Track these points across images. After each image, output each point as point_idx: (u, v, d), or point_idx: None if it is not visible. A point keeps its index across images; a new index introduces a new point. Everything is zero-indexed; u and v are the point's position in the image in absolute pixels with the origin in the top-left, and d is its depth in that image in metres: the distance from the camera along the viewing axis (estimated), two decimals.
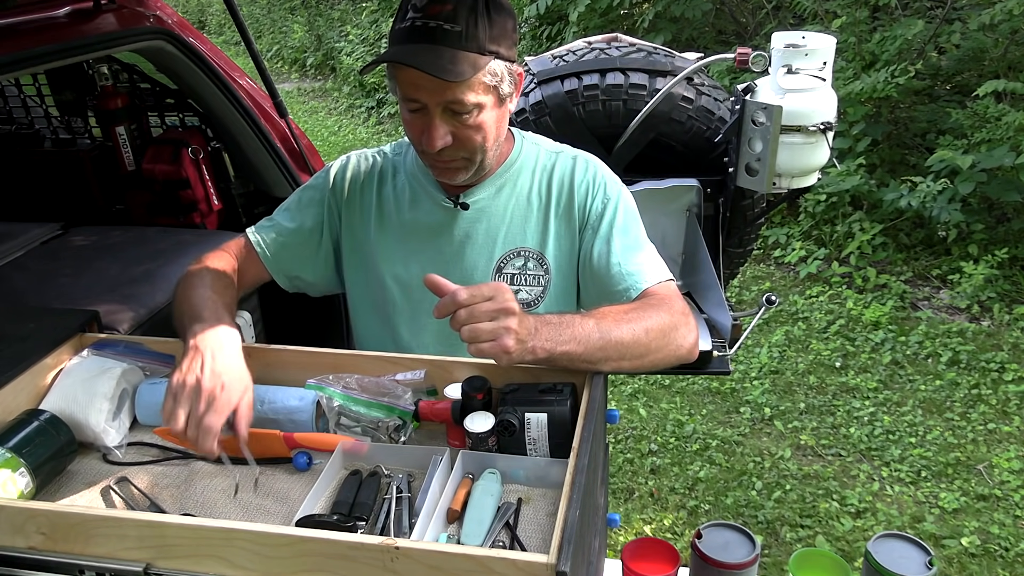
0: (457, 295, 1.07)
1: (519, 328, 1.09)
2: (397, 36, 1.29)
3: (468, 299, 1.07)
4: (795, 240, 4.45)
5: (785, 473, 2.89)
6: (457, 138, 1.32)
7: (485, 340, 1.07)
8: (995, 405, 3.16)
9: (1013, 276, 3.84)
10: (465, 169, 1.39)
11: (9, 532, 0.99)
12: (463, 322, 1.07)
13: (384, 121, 7.68)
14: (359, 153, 1.56)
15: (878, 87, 4.00)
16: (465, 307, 1.07)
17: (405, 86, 1.30)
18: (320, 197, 1.51)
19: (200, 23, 11.94)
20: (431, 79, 1.24)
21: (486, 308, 1.07)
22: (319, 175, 1.55)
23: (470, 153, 1.36)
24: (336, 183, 1.52)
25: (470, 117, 1.31)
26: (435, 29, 1.25)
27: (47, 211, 2.49)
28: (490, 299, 1.08)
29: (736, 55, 2.01)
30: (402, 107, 1.35)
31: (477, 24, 1.26)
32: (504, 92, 1.34)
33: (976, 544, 2.50)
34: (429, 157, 1.37)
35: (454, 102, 1.28)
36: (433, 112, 1.29)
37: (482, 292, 1.08)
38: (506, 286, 1.12)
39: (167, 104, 2.70)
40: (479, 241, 1.46)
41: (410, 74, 1.26)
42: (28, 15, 2.13)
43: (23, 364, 1.22)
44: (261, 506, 1.11)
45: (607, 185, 1.47)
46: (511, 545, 1.02)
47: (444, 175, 1.41)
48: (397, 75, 1.30)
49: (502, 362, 1.09)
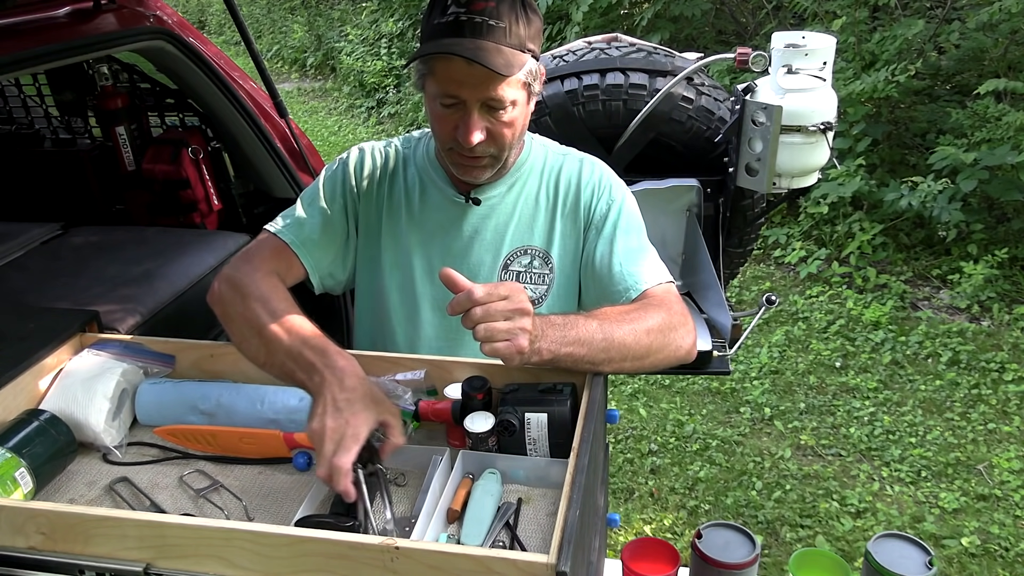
0: (473, 292, 1.06)
1: (533, 329, 1.09)
2: (438, 30, 1.27)
3: (484, 297, 1.06)
4: (795, 240, 4.45)
5: (785, 473, 2.89)
6: (491, 134, 1.32)
7: (500, 340, 1.06)
8: (995, 405, 3.16)
9: (1013, 276, 3.84)
10: (491, 167, 1.39)
11: (9, 532, 0.99)
12: (478, 320, 1.06)
13: (384, 121, 7.68)
14: (371, 145, 1.54)
15: (878, 87, 4.00)
16: (481, 305, 1.06)
17: (445, 82, 1.28)
18: (342, 189, 1.49)
19: (200, 23, 11.93)
20: (474, 74, 1.23)
21: (502, 307, 1.06)
22: (335, 168, 1.51)
23: (499, 150, 1.35)
24: (356, 174, 1.49)
25: (505, 113, 1.31)
26: (481, 24, 1.24)
27: (47, 211, 2.49)
28: (506, 298, 1.07)
29: (736, 55, 2.01)
30: (433, 103, 1.33)
31: (518, 21, 1.27)
32: (534, 91, 1.35)
33: (976, 544, 2.50)
34: (456, 155, 1.36)
35: (494, 99, 1.28)
36: (472, 108, 1.29)
37: (498, 291, 1.07)
38: (521, 286, 1.12)
39: (167, 104, 2.70)
40: (487, 238, 1.46)
41: (453, 69, 1.25)
42: (28, 15, 2.13)
43: (23, 364, 1.22)
44: (261, 506, 1.11)
45: (612, 188, 1.48)
46: (511, 545, 1.02)
47: (470, 173, 1.39)
48: (436, 69, 1.29)
49: (514, 363, 1.08)
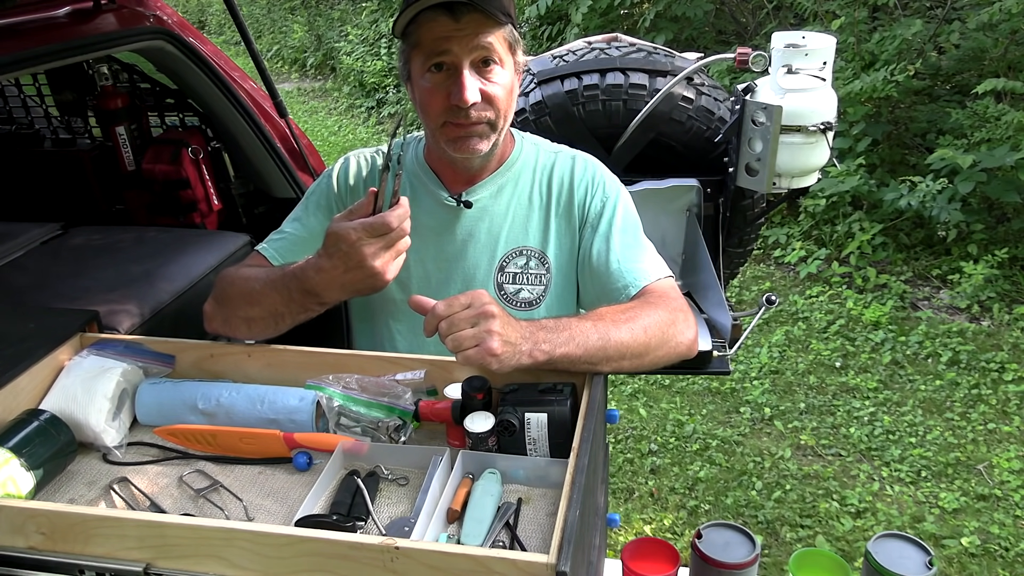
0: (436, 309, 1.08)
1: (502, 330, 1.08)
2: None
3: (446, 310, 1.08)
4: (795, 240, 4.45)
5: (785, 473, 2.89)
6: (485, 96, 1.32)
7: (469, 346, 1.07)
8: (995, 405, 3.16)
9: (1013, 276, 3.84)
10: (487, 137, 1.37)
11: (9, 532, 0.99)
12: (446, 333, 1.07)
13: (384, 121, 7.68)
14: (357, 153, 1.54)
15: (878, 87, 4.00)
16: (445, 319, 1.07)
17: (432, 43, 1.29)
18: (326, 201, 1.50)
19: (200, 23, 11.94)
20: (462, 28, 1.25)
21: (465, 315, 1.07)
22: (321, 179, 1.53)
23: (495, 114, 1.35)
24: (339, 184, 1.50)
25: (494, 73, 1.32)
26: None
27: (47, 211, 2.49)
28: (468, 306, 1.08)
29: (736, 55, 2.01)
30: (421, 80, 1.34)
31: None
32: (519, 61, 1.37)
33: (976, 544, 2.50)
34: (451, 128, 1.35)
35: (485, 48, 1.29)
36: (462, 67, 1.29)
37: (459, 301, 1.08)
38: (484, 292, 1.11)
39: (167, 104, 2.70)
40: (481, 240, 1.46)
41: (439, 27, 1.27)
42: (28, 15, 2.13)
43: (23, 364, 1.22)
44: (261, 506, 1.11)
45: (606, 184, 1.47)
46: (511, 545, 1.02)
47: (466, 145, 1.36)
48: (421, 38, 1.30)
49: (492, 367, 1.08)
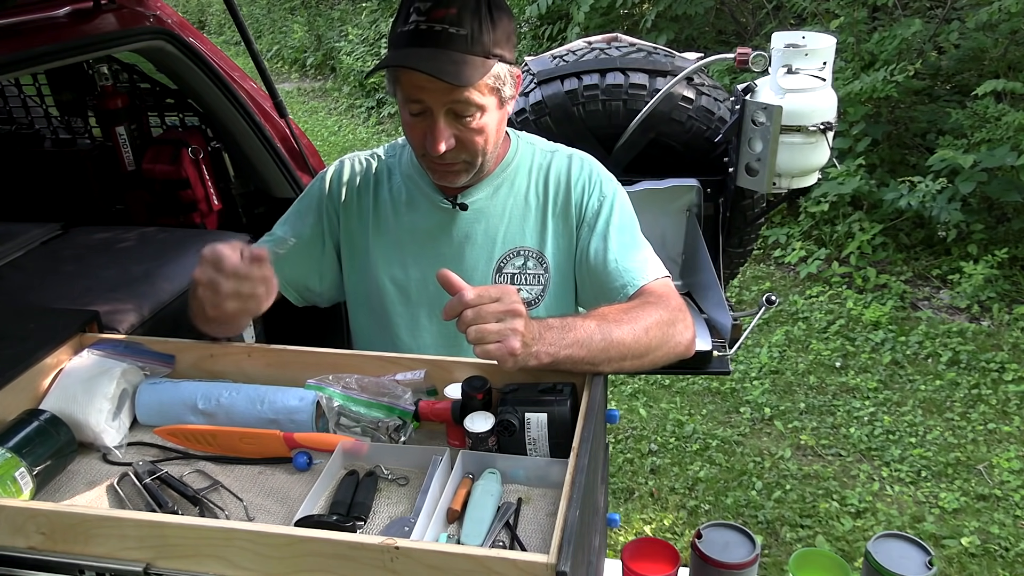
0: (464, 295, 1.06)
1: (525, 331, 1.08)
2: (400, 39, 1.28)
3: (475, 299, 1.06)
4: (795, 240, 4.45)
5: (785, 473, 2.89)
6: (460, 141, 1.32)
7: (491, 341, 1.06)
8: (995, 405, 3.16)
9: (1013, 276, 3.84)
10: (465, 172, 1.39)
11: (9, 532, 0.98)
12: (469, 322, 1.06)
13: (384, 121, 7.68)
14: (352, 157, 1.54)
15: (878, 87, 4.00)
16: (472, 307, 1.06)
17: (409, 88, 1.29)
18: (317, 204, 1.50)
19: (200, 23, 11.94)
20: (435, 82, 1.23)
21: (493, 309, 1.06)
22: (314, 183, 1.54)
23: (472, 156, 1.35)
24: (332, 188, 1.51)
25: (473, 120, 1.30)
26: (440, 33, 1.24)
27: (47, 211, 2.49)
28: (497, 300, 1.07)
29: (736, 55, 2.01)
30: (403, 110, 1.34)
31: (482, 27, 1.25)
32: (505, 95, 1.34)
33: (976, 544, 2.50)
34: (429, 160, 1.37)
35: (459, 103, 1.28)
36: (437, 114, 1.29)
37: (489, 293, 1.07)
38: (513, 288, 1.11)
39: (167, 104, 2.70)
40: (478, 241, 1.46)
41: (415, 76, 1.25)
42: (28, 15, 2.13)
43: (23, 364, 1.22)
44: (261, 506, 1.11)
45: (603, 183, 1.47)
46: (511, 545, 1.02)
47: (444, 178, 1.40)
48: (400, 78, 1.29)
49: (507, 365, 1.08)
